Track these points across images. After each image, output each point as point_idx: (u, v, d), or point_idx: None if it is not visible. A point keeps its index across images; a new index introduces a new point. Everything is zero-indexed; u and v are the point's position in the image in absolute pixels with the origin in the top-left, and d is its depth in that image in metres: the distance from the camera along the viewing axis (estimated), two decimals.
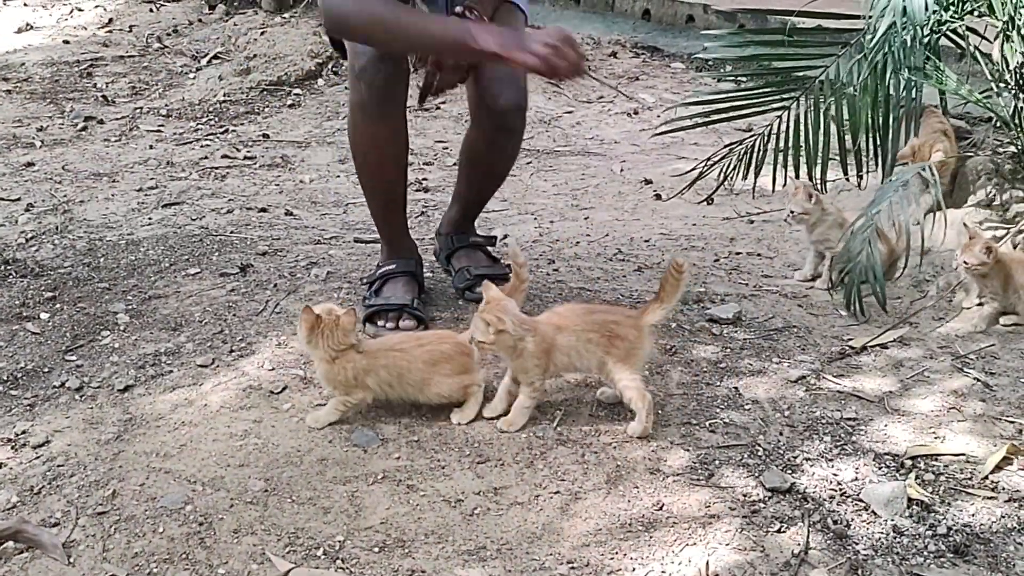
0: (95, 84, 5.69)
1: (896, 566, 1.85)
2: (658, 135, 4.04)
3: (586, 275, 3.09)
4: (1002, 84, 3.09)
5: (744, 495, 2.03)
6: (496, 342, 2.15)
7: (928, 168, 2.82)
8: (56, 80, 5.75)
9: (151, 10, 7.13)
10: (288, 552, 1.89)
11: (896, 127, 3.20)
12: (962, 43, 3.22)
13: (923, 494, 2.01)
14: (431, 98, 2.64)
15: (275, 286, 2.95)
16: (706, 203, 3.79)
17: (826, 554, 1.88)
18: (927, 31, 3.06)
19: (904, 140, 3.20)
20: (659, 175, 4.21)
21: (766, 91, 3.40)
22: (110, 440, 2.22)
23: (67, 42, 6.46)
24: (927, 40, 3.08)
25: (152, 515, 1.97)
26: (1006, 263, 2.70)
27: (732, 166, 3.52)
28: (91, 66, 6.00)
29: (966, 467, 2.13)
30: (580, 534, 1.93)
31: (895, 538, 1.92)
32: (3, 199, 3.90)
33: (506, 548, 1.90)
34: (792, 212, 3.00)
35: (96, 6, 7.25)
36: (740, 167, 3.49)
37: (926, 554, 1.88)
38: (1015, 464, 2.11)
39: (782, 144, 3.36)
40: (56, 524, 1.96)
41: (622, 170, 4.34)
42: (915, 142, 3.08)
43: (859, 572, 1.84)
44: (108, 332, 2.74)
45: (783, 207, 3.61)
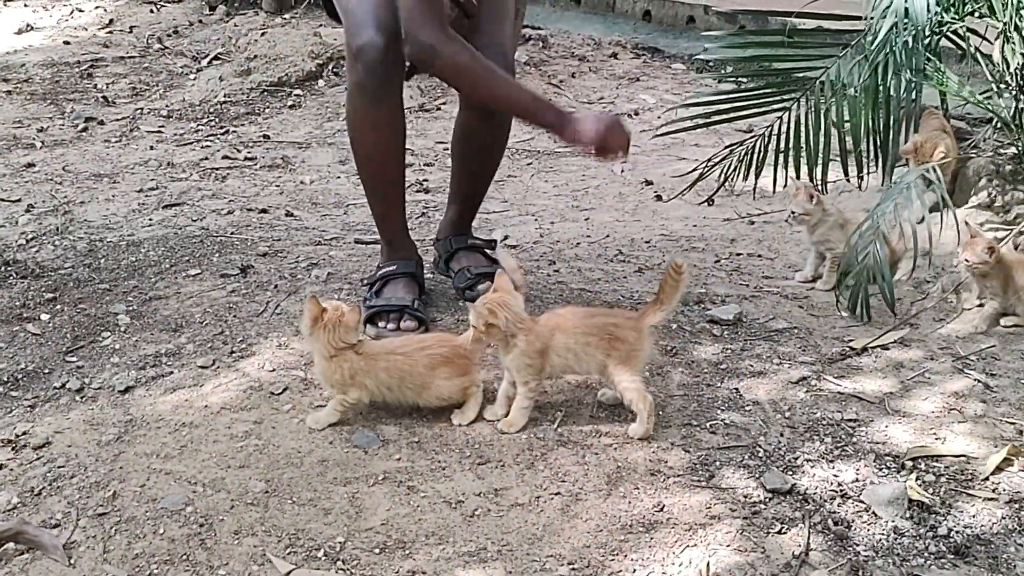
0: (95, 85, 5.69)
1: (896, 567, 1.85)
2: (659, 136, 4.04)
3: (587, 276, 3.09)
4: (1003, 85, 3.09)
5: (745, 496, 2.03)
6: (488, 334, 2.17)
7: (932, 169, 2.82)
8: (56, 81, 5.74)
9: (151, 11, 7.13)
10: (289, 553, 1.89)
11: (896, 128, 3.20)
12: (963, 44, 3.22)
13: (924, 495, 2.01)
14: (418, 76, 2.71)
15: (276, 287, 2.95)
16: (707, 204, 3.79)
17: (827, 555, 1.88)
18: (928, 32, 3.06)
19: (905, 141, 3.20)
20: (660, 176, 4.21)
21: (767, 92, 3.40)
22: (111, 441, 2.22)
23: (67, 43, 6.46)
24: (928, 41, 3.08)
25: (153, 516, 1.97)
26: (1007, 264, 2.70)
27: (733, 167, 3.52)
28: (91, 67, 6.00)
29: (967, 468, 2.13)
30: (581, 535, 1.93)
31: (896, 539, 1.92)
32: (3, 200, 3.90)
33: (507, 549, 1.90)
34: (793, 213, 3.00)
35: (96, 7, 7.26)
36: (741, 168, 3.49)
37: (927, 555, 1.88)
38: (1016, 465, 2.11)
39: (782, 145, 3.35)
40: (57, 525, 1.96)
41: (623, 171, 4.34)
42: (917, 139, 3.08)
43: (860, 573, 1.84)
44: (109, 333, 2.74)
45: (784, 208, 3.62)
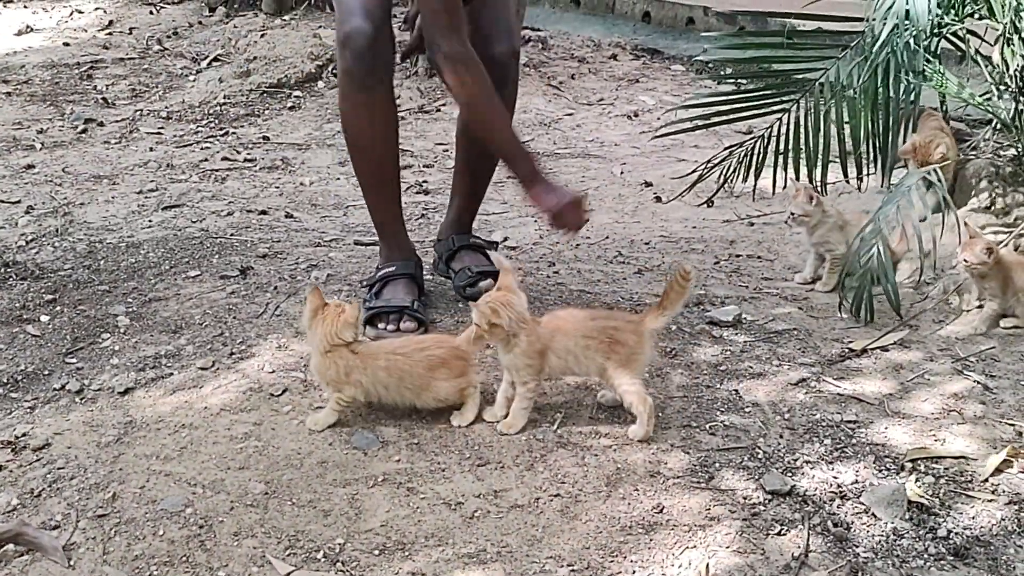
0: (95, 86, 5.69)
1: (896, 569, 1.85)
2: (658, 137, 4.05)
3: (586, 277, 3.09)
4: (1002, 87, 3.09)
5: (744, 498, 2.03)
6: (491, 333, 2.17)
7: (934, 171, 2.83)
8: (56, 82, 5.75)
9: (151, 12, 7.13)
10: (288, 555, 1.89)
11: (896, 130, 3.20)
12: (962, 46, 3.22)
13: (923, 497, 2.01)
14: (413, 57, 2.70)
15: (275, 289, 2.95)
16: (706, 205, 3.79)
17: (826, 557, 1.88)
18: (927, 34, 3.06)
19: (904, 143, 3.20)
20: (659, 177, 4.21)
21: (766, 93, 3.40)
22: (110, 443, 2.22)
23: (67, 44, 6.46)
24: (928, 43, 3.08)
25: (152, 518, 1.97)
26: (1005, 265, 2.70)
27: (732, 168, 3.52)
28: (91, 68, 6.00)
29: (966, 470, 2.13)
30: (580, 537, 1.93)
31: (895, 541, 1.92)
32: (3, 201, 3.90)
33: (506, 551, 1.90)
34: (793, 214, 2.99)
35: (96, 8, 7.26)
36: (740, 169, 3.49)
37: (926, 557, 1.88)
38: (1015, 467, 2.11)
39: (782, 146, 3.35)
40: (56, 527, 1.96)
41: (622, 172, 4.34)
42: (916, 139, 3.08)
43: (859, 575, 1.84)
44: (108, 334, 2.74)
45: (783, 209, 3.62)
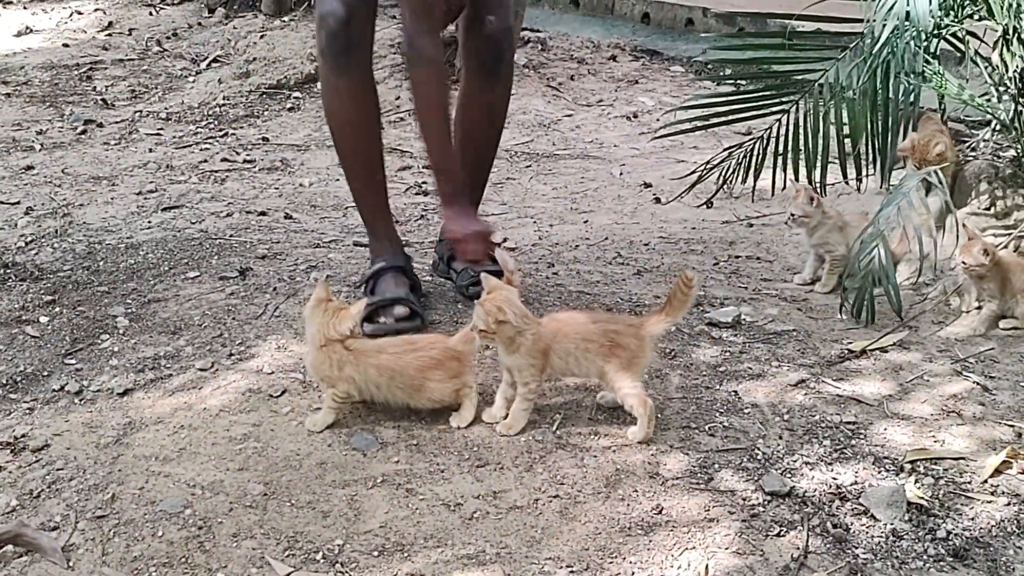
0: (94, 87, 5.69)
1: (896, 570, 1.85)
2: (657, 138, 4.06)
3: (585, 279, 3.09)
4: (1001, 88, 3.09)
5: (743, 499, 2.03)
6: (497, 332, 2.16)
7: (935, 172, 2.82)
8: (55, 83, 5.75)
9: (150, 13, 7.13)
10: (287, 556, 1.89)
11: (895, 131, 3.20)
12: (962, 47, 3.22)
13: (923, 498, 2.01)
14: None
15: (274, 290, 2.95)
16: (705, 206, 3.79)
17: (825, 558, 1.88)
18: (927, 35, 3.06)
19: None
20: (658, 178, 4.21)
21: (765, 94, 3.40)
22: (109, 444, 2.22)
23: (67, 45, 6.46)
24: (927, 44, 3.08)
25: (151, 519, 1.97)
26: (1004, 266, 2.70)
27: (731, 169, 3.53)
28: (90, 69, 6.00)
29: (966, 471, 2.13)
30: (579, 538, 1.93)
31: (894, 542, 1.92)
32: (2, 203, 3.90)
33: (505, 552, 1.90)
34: (793, 215, 2.99)
35: (96, 9, 7.26)
36: (739, 170, 3.50)
37: (925, 558, 1.88)
38: (1014, 468, 2.11)
39: (781, 147, 3.36)
40: (55, 528, 1.96)
41: (621, 173, 4.34)
42: (915, 137, 3.07)
43: None
44: (107, 335, 2.73)
45: (782, 211, 3.62)
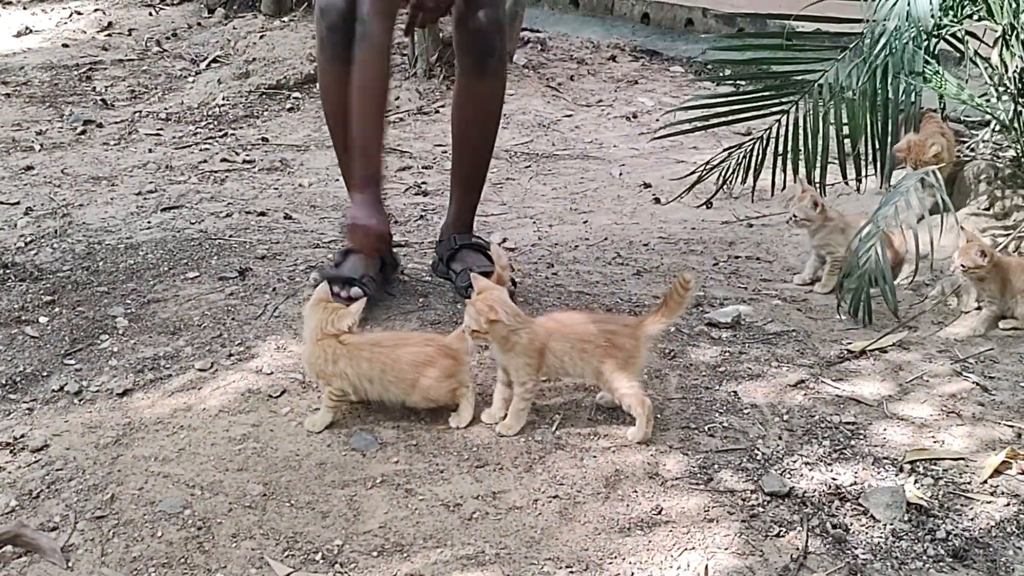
0: (94, 88, 5.69)
1: (895, 571, 1.85)
2: (657, 139, 4.06)
3: (585, 279, 3.09)
4: (1001, 88, 3.09)
5: (743, 499, 2.03)
6: (490, 331, 2.16)
7: (932, 172, 2.83)
8: (55, 84, 5.74)
9: (150, 14, 7.13)
10: (286, 556, 1.89)
11: (895, 131, 3.20)
12: (961, 47, 3.22)
13: (922, 498, 2.01)
14: (418, 29, 2.86)
15: (274, 290, 2.95)
16: (705, 207, 3.79)
17: (825, 558, 1.88)
18: (926, 35, 3.06)
19: None
20: (658, 179, 4.20)
21: (765, 95, 3.40)
22: (109, 444, 2.22)
23: (66, 46, 6.46)
24: (926, 44, 3.09)
25: (151, 519, 1.97)
26: (1004, 267, 2.70)
27: (731, 170, 3.53)
28: (90, 70, 5.99)
29: (965, 471, 2.12)
30: (579, 538, 1.93)
31: (894, 542, 1.92)
32: (2, 203, 3.89)
33: (505, 552, 1.90)
34: (795, 217, 2.99)
35: (95, 9, 7.25)
36: (739, 171, 3.50)
37: (925, 558, 1.88)
38: (1014, 468, 2.11)
39: (781, 148, 3.36)
40: (55, 528, 1.96)
41: (621, 174, 4.34)
42: (911, 138, 3.08)
43: None
44: (107, 336, 2.73)
45: (782, 211, 3.62)
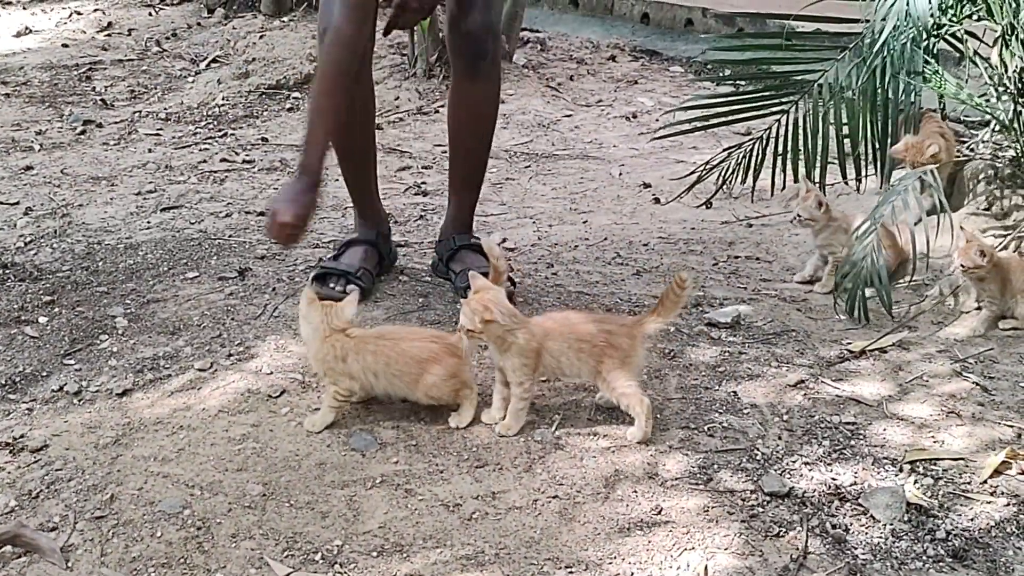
0: (94, 88, 5.69)
1: (895, 571, 1.85)
2: (657, 139, 4.05)
3: (584, 279, 3.09)
4: (1001, 88, 3.09)
5: (743, 499, 2.03)
6: (485, 331, 2.16)
7: (930, 172, 2.83)
8: (55, 84, 5.74)
9: (150, 14, 7.13)
10: (286, 556, 1.89)
11: (895, 131, 3.20)
12: (961, 47, 3.22)
13: (922, 498, 2.01)
14: (398, 31, 2.92)
15: (274, 290, 2.95)
16: (705, 207, 3.79)
17: (824, 559, 1.88)
18: (926, 35, 3.06)
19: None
20: (658, 179, 4.20)
21: (765, 95, 3.40)
22: (108, 444, 2.22)
23: (66, 46, 6.45)
24: (926, 44, 3.09)
25: (150, 519, 1.97)
26: (1003, 267, 2.69)
27: (731, 170, 3.52)
28: (90, 70, 5.99)
29: (965, 471, 2.12)
30: (578, 538, 1.93)
31: (894, 542, 1.92)
32: (2, 203, 3.89)
33: (504, 552, 1.89)
34: (799, 216, 2.99)
35: (95, 10, 7.25)
36: (739, 171, 3.50)
37: (925, 559, 1.88)
38: (1014, 468, 2.11)
39: (781, 148, 3.36)
40: (54, 528, 1.96)
41: (621, 174, 4.33)
42: (910, 139, 3.08)
43: None
44: (106, 336, 2.73)
45: (782, 211, 3.62)
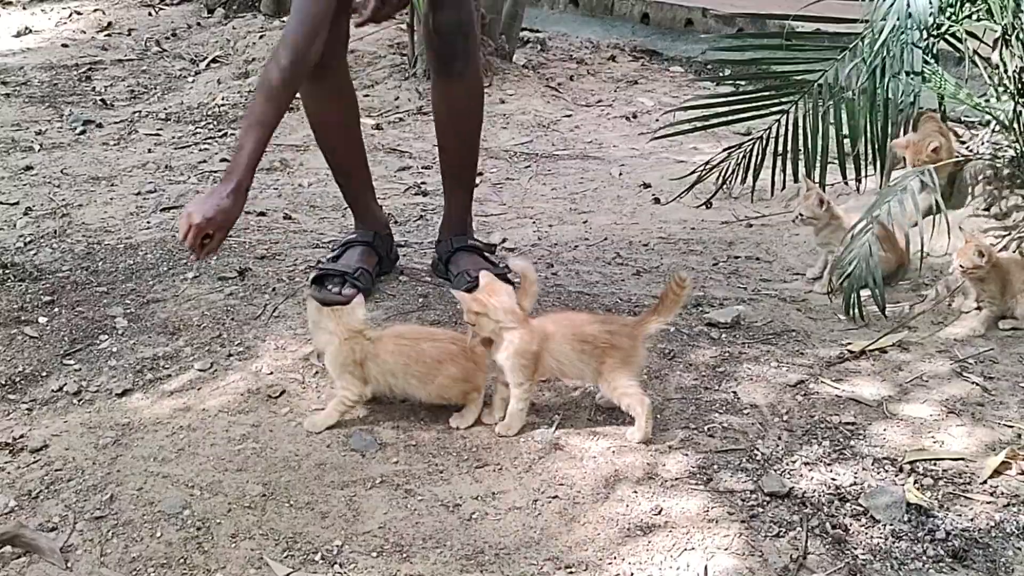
0: (94, 88, 5.68)
1: (895, 571, 1.85)
2: (657, 139, 4.05)
3: (584, 279, 3.09)
4: (1001, 88, 3.09)
5: (743, 500, 2.03)
6: (477, 324, 2.18)
7: (928, 172, 2.83)
8: (55, 84, 5.74)
9: (150, 14, 7.13)
10: (286, 557, 1.89)
11: (895, 131, 3.20)
12: (961, 47, 3.22)
13: (922, 499, 2.01)
14: (372, 24, 2.83)
15: (273, 290, 2.94)
16: (705, 207, 3.79)
17: (824, 559, 1.88)
18: (926, 35, 3.06)
19: None
20: (658, 179, 4.20)
21: (765, 95, 3.40)
22: (108, 444, 2.22)
23: (66, 46, 6.45)
24: (926, 44, 3.08)
25: (150, 520, 1.97)
26: (1003, 267, 2.69)
27: (731, 170, 3.52)
28: (90, 70, 5.99)
29: (965, 471, 2.12)
30: (578, 539, 1.93)
31: (894, 543, 1.92)
32: (2, 203, 3.89)
33: (504, 553, 1.89)
34: (801, 215, 3.00)
35: (95, 9, 7.25)
36: (739, 171, 3.50)
37: (925, 559, 1.88)
38: (1014, 468, 2.11)
39: (780, 148, 3.36)
40: (54, 528, 1.96)
41: (621, 174, 4.33)
42: (911, 137, 3.08)
43: None
44: (106, 336, 2.73)
45: (782, 211, 3.62)
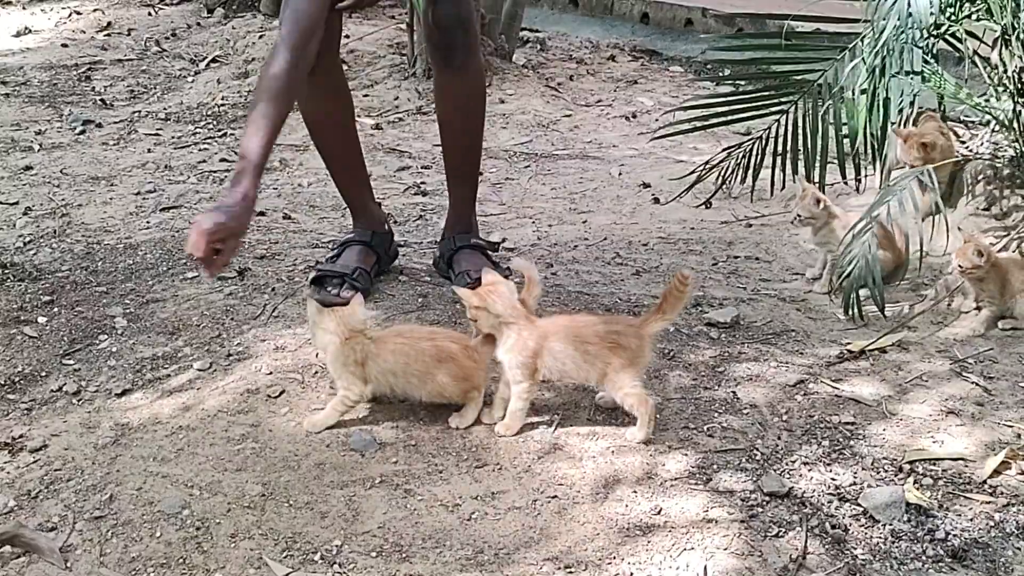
0: (93, 88, 5.68)
1: (894, 571, 1.85)
2: (657, 139, 4.05)
3: (584, 279, 3.09)
4: (1001, 88, 3.09)
5: (742, 500, 2.03)
6: (477, 319, 2.19)
7: (927, 172, 2.83)
8: (54, 84, 5.74)
9: (149, 14, 7.13)
10: (285, 557, 1.89)
11: None
12: (960, 47, 3.22)
13: (921, 498, 2.01)
14: (355, 11, 2.84)
15: (273, 290, 2.94)
16: (704, 207, 3.79)
17: (824, 559, 1.88)
18: (926, 35, 3.06)
19: None
20: (657, 179, 4.20)
21: (764, 95, 3.40)
22: (107, 444, 2.22)
23: (65, 45, 6.45)
24: (926, 44, 3.08)
25: (149, 519, 1.97)
26: (1002, 267, 2.69)
27: (730, 170, 3.52)
28: (89, 70, 5.99)
29: (965, 471, 2.12)
30: (577, 539, 1.93)
31: (893, 543, 1.92)
32: (1, 203, 3.89)
33: (503, 553, 1.89)
34: (799, 216, 3.00)
35: (95, 9, 7.25)
36: (738, 171, 3.50)
37: (924, 559, 1.88)
38: (1013, 468, 2.11)
39: (780, 148, 3.36)
40: (53, 528, 1.96)
41: (620, 174, 4.33)
42: (912, 129, 3.08)
43: None
44: (106, 336, 2.73)
45: (782, 211, 3.62)
